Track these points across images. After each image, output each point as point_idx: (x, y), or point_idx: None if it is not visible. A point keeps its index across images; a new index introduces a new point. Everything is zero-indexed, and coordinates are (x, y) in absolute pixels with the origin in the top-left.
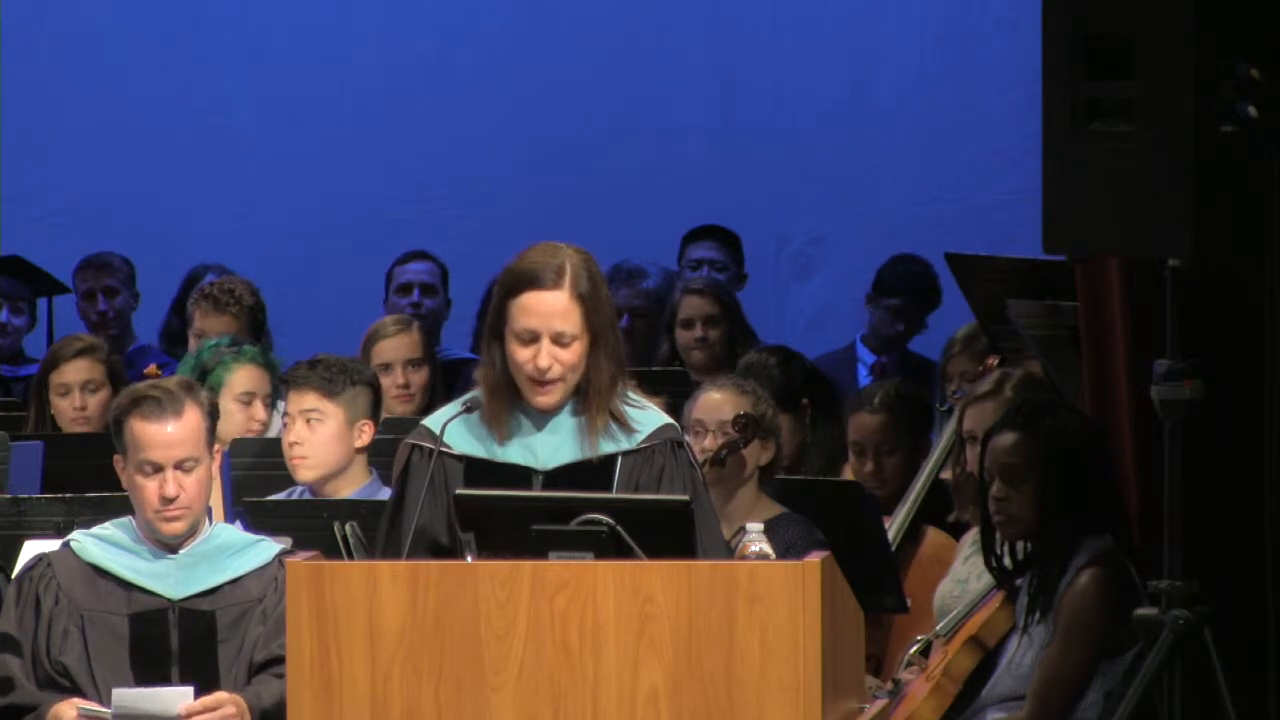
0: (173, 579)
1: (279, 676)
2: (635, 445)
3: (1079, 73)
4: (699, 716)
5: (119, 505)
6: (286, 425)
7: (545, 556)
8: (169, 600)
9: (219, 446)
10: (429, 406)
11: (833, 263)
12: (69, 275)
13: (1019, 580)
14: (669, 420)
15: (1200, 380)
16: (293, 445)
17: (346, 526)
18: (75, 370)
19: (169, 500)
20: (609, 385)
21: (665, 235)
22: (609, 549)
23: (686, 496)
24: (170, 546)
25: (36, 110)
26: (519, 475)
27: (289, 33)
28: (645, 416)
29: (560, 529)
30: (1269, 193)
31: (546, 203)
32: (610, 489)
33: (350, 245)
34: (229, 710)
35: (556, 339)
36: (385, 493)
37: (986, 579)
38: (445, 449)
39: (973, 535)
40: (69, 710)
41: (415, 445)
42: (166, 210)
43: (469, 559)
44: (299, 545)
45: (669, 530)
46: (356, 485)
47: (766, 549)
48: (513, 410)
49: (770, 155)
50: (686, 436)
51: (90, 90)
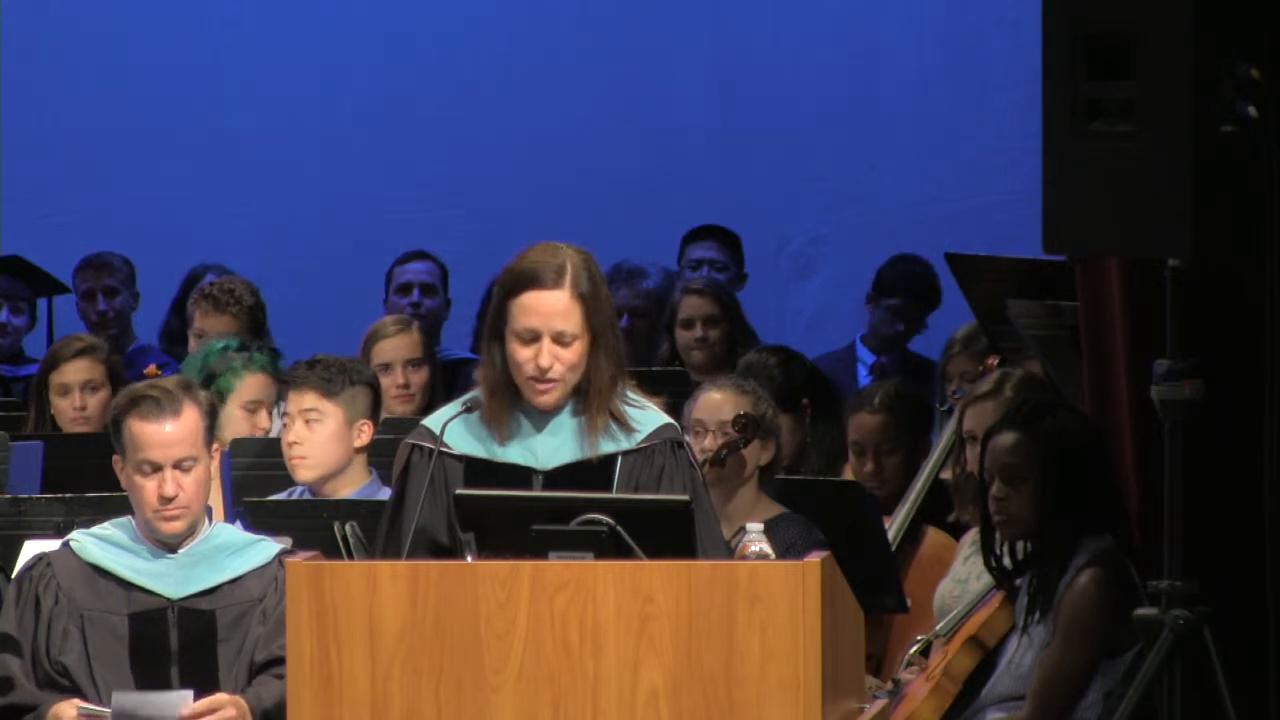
0: (172, 578)
1: (279, 677)
2: (635, 445)
3: (1079, 73)
4: (699, 716)
5: (119, 505)
6: (286, 425)
7: (545, 556)
8: (168, 600)
9: (218, 446)
10: (429, 406)
11: (833, 263)
12: (69, 275)
13: (1019, 580)
14: (669, 420)
15: (1200, 380)
16: (292, 445)
17: (346, 526)
18: (75, 370)
19: (168, 500)
20: (609, 385)
21: (665, 235)
22: (609, 549)
23: (686, 496)
24: (170, 546)
25: (36, 110)
26: (519, 475)
27: (289, 33)
28: (645, 416)
29: (560, 529)
30: (1269, 193)
31: (546, 203)
32: (610, 489)
33: (350, 245)
34: (229, 712)
35: (557, 338)
36: (385, 493)
37: (986, 579)
38: (445, 449)
39: (973, 535)
40: (69, 710)
41: (415, 445)
42: (166, 210)
43: (469, 559)
44: (299, 545)
45: (669, 530)
46: (356, 485)
47: (766, 549)
48: (513, 410)
49: (770, 155)
50: (686, 436)
51: (90, 90)
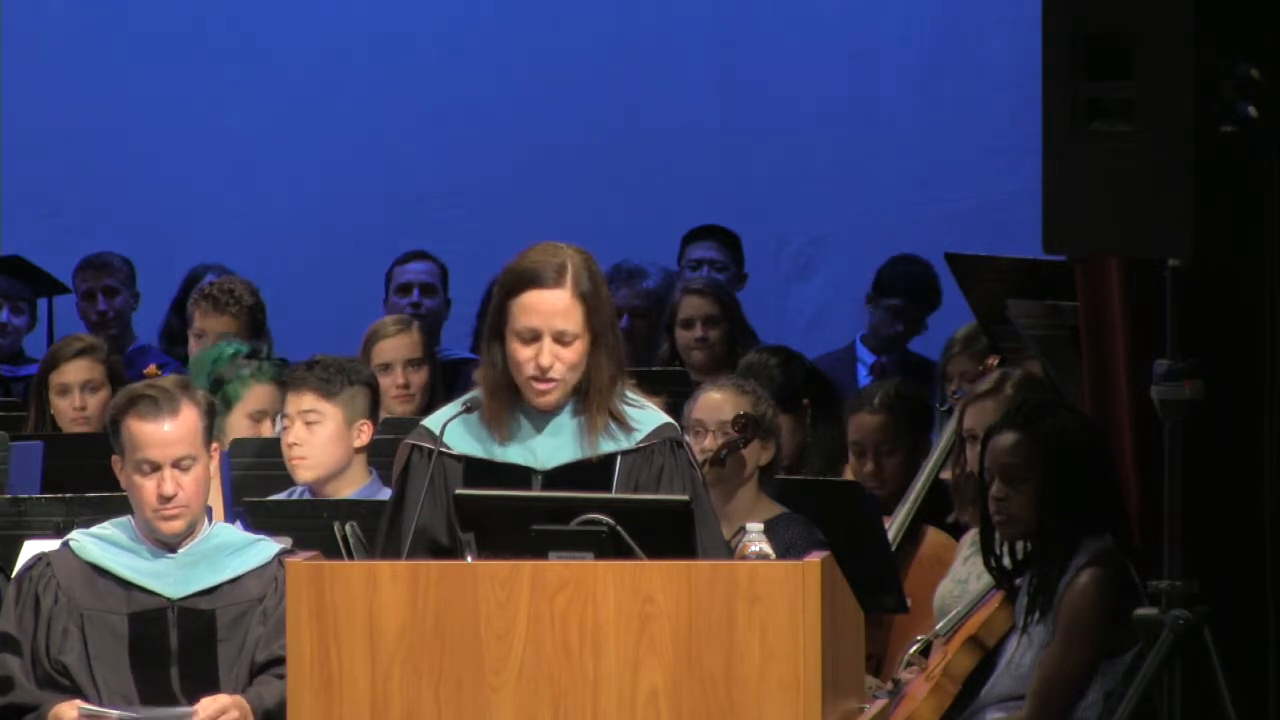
0: (172, 578)
1: (280, 677)
2: (635, 445)
3: (1079, 73)
4: (699, 716)
5: (119, 505)
6: (285, 426)
7: (545, 556)
8: (168, 599)
9: (216, 445)
10: (429, 406)
11: (833, 263)
12: (69, 275)
13: (1019, 580)
14: (668, 419)
15: (1200, 380)
16: (292, 446)
17: (346, 526)
18: (75, 370)
19: (167, 499)
20: (609, 385)
21: (665, 235)
22: (609, 549)
23: (686, 496)
24: (169, 546)
25: (36, 110)
26: (519, 475)
27: (289, 33)
28: (644, 416)
29: (560, 529)
30: (1269, 193)
31: (546, 203)
32: (610, 488)
33: (350, 245)
34: (234, 714)
35: (558, 338)
36: (385, 493)
37: (986, 579)
38: (445, 449)
39: (972, 535)
40: (70, 711)
41: (415, 445)
42: (166, 210)
43: (469, 559)
44: (299, 545)
45: (669, 530)
46: (356, 485)
47: (766, 549)
48: (513, 410)
49: (770, 155)
50: (686, 436)
51: (90, 90)
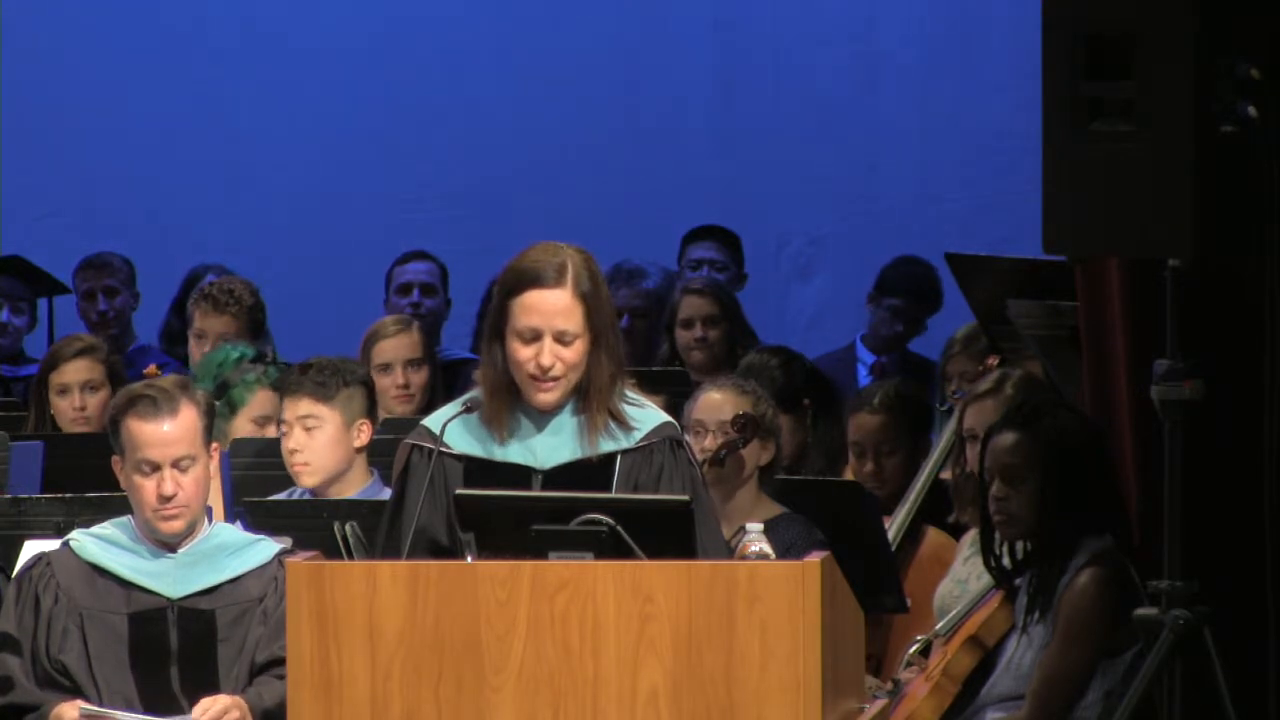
0: (172, 578)
1: (280, 678)
2: (634, 444)
3: (1079, 73)
4: (699, 716)
5: (119, 505)
6: (285, 432)
7: (545, 556)
8: (168, 599)
9: (216, 445)
10: (429, 406)
11: (833, 263)
12: (69, 275)
13: (1018, 580)
14: (668, 418)
15: (1200, 380)
16: (293, 453)
17: (346, 526)
18: (75, 370)
19: (167, 499)
20: (609, 384)
21: (665, 235)
22: (609, 549)
23: (686, 496)
24: (169, 546)
25: (36, 110)
26: (519, 475)
27: (289, 33)
28: (644, 415)
29: (560, 529)
30: (1269, 193)
31: (546, 202)
32: (610, 488)
33: (350, 245)
34: (234, 715)
35: (559, 337)
36: (387, 493)
37: (986, 579)
38: (445, 449)
39: (972, 535)
40: (71, 711)
41: (415, 445)
42: (166, 210)
43: (469, 559)
44: (299, 545)
45: (669, 530)
46: (359, 486)
47: (766, 549)
48: (513, 410)
49: (770, 155)
50: (686, 436)
51: (90, 90)
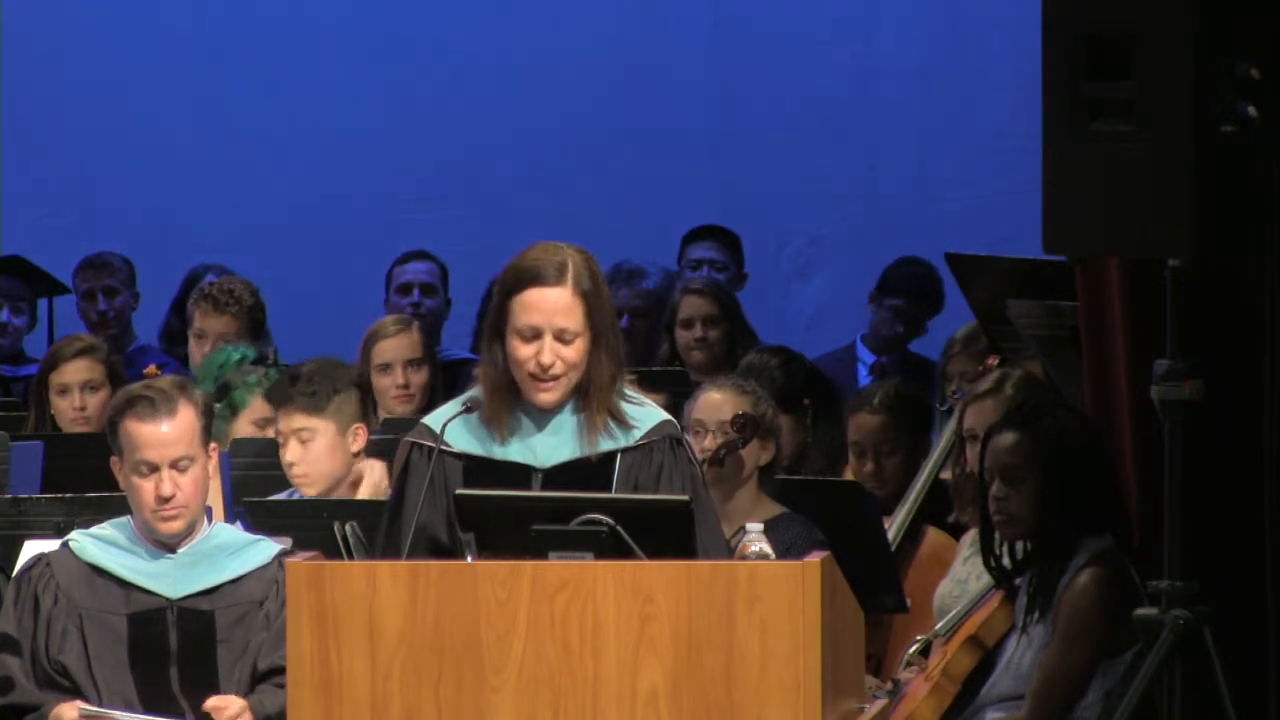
0: (171, 578)
1: (281, 686)
2: (634, 442)
3: (1079, 73)
4: (699, 716)
5: (119, 505)
6: (281, 444)
7: (545, 556)
8: (168, 600)
9: (215, 445)
10: (429, 406)
11: (833, 263)
12: (69, 275)
13: (1018, 580)
14: (667, 417)
15: (1200, 380)
16: (291, 465)
17: (346, 526)
18: (75, 370)
19: (165, 499)
20: (609, 383)
21: (665, 235)
22: (609, 549)
23: (686, 496)
24: (169, 546)
25: (36, 110)
26: (518, 474)
27: (289, 33)
28: (644, 413)
29: (560, 529)
30: (1269, 193)
31: (546, 202)
32: (609, 487)
33: (350, 245)
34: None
35: (559, 335)
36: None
37: (986, 579)
38: (445, 447)
39: (972, 535)
40: (71, 711)
41: (415, 444)
42: (166, 210)
43: (469, 559)
44: (299, 545)
45: (669, 530)
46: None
47: (766, 549)
48: (513, 409)
49: (770, 155)
50: (686, 436)
51: (90, 89)
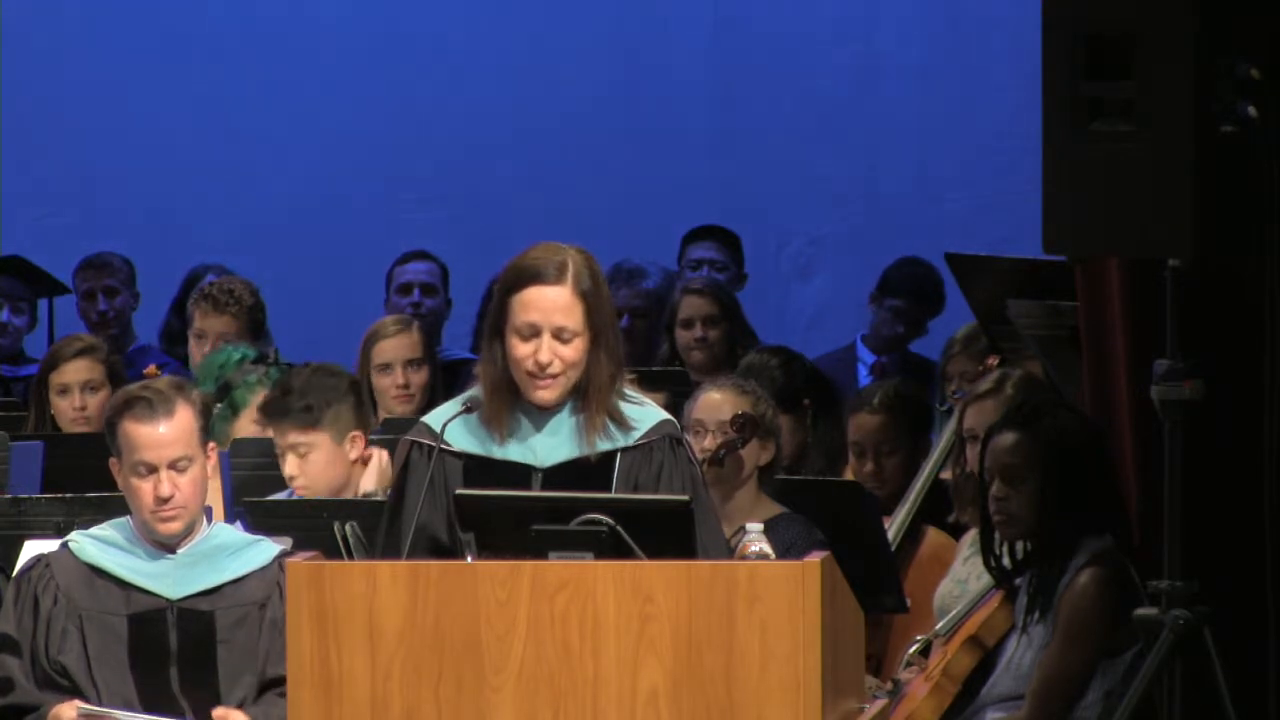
0: (171, 579)
1: (283, 695)
2: (634, 442)
3: (1079, 73)
4: (699, 716)
5: (119, 505)
6: (279, 456)
7: (545, 556)
8: (168, 600)
9: (213, 445)
10: (429, 406)
11: (833, 263)
12: (69, 275)
13: (1018, 580)
14: (667, 416)
15: (1200, 380)
16: (292, 478)
17: (346, 526)
18: (75, 370)
19: (164, 500)
20: (608, 384)
21: (665, 235)
22: (609, 549)
23: (686, 496)
24: (168, 546)
25: (36, 110)
26: (518, 473)
27: (290, 33)
28: (643, 413)
29: (560, 529)
30: (1269, 193)
31: (546, 202)
32: (609, 486)
33: (350, 245)
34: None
35: (557, 334)
36: None
37: (986, 579)
38: (445, 446)
39: (972, 535)
40: (69, 711)
41: (415, 443)
42: (166, 210)
43: (469, 559)
44: (299, 545)
45: (669, 530)
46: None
47: (766, 549)
48: (512, 409)
49: (770, 155)
50: (686, 436)
51: (90, 90)
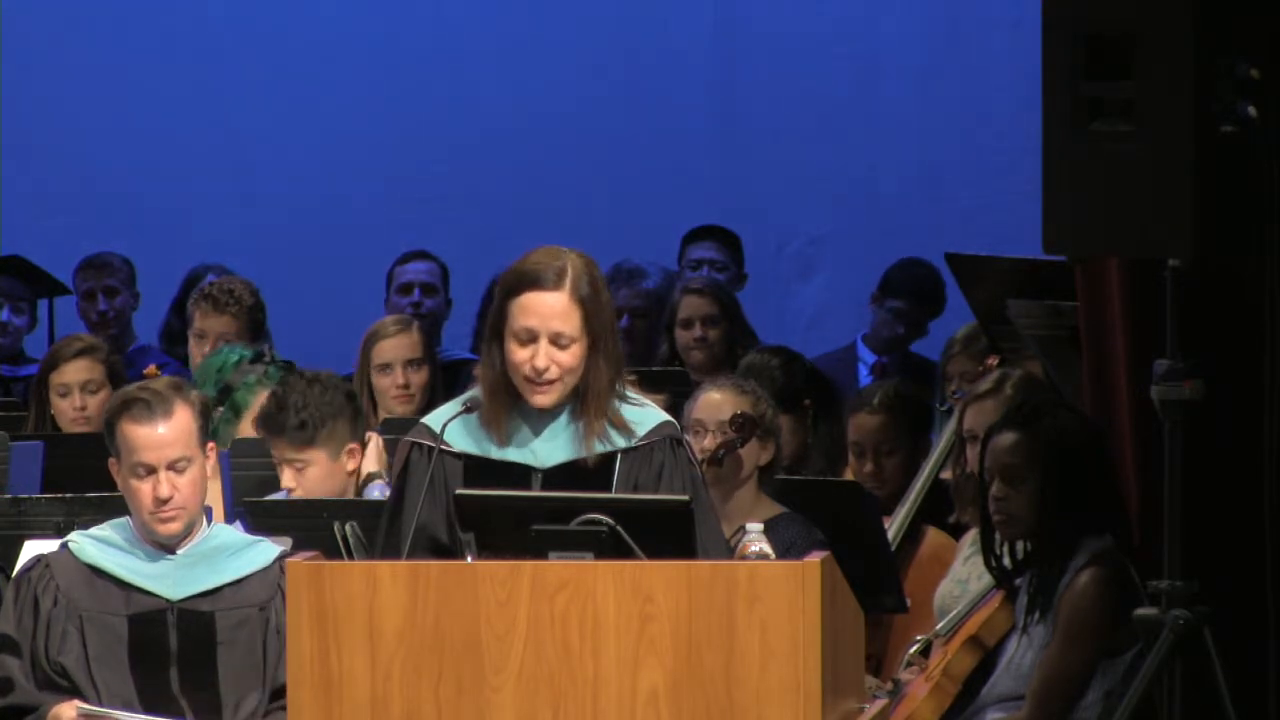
0: (171, 579)
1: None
2: (634, 444)
3: (1079, 73)
4: (699, 716)
5: (119, 505)
6: (277, 466)
7: (545, 556)
8: (168, 601)
9: (213, 445)
10: (429, 406)
11: (833, 263)
12: (69, 275)
13: (1019, 580)
14: (668, 418)
15: (1200, 380)
16: (290, 490)
17: (346, 526)
18: (75, 370)
19: (163, 501)
20: (607, 389)
21: (665, 235)
22: (609, 549)
23: (686, 496)
24: (168, 547)
25: (36, 110)
26: (518, 474)
27: (290, 33)
28: (644, 415)
29: (560, 529)
30: (1269, 193)
31: (547, 202)
32: (609, 488)
33: (350, 245)
34: None
35: (554, 339)
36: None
37: (986, 579)
38: (445, 447)
39: (973, 535)
40: (69, 711)
41: (415, 443)
42: (166, 210)
43: (469, 559)
44: (299, 545)
45: (669, 530)
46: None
47: (766, 549)
48: (511, 411)
49: (770, 155)
50: (686, 436)
51: (90, 90)
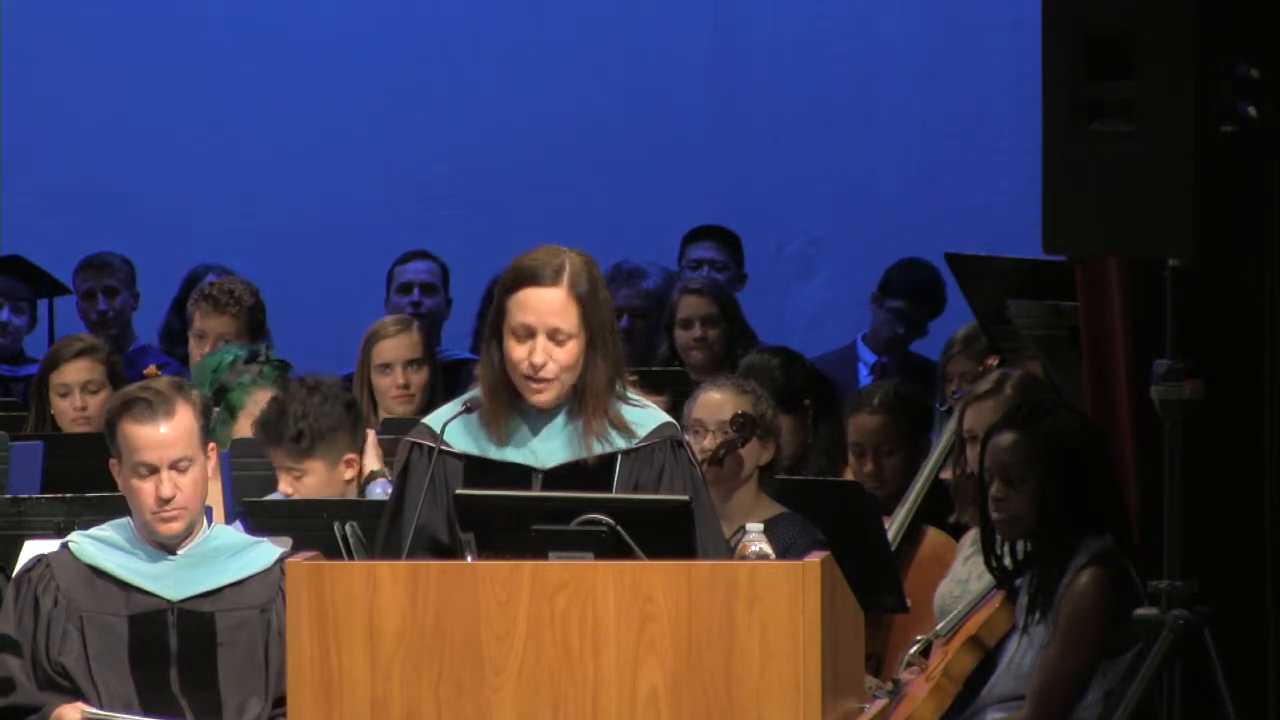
0: (171, 580)
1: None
2: (634, 445)
3: (1079, 73)
4: (699, 716)
5: (119, 505)
6: (276, 471)
7: (545, 556)
8: (168, 601)
9: (213, 445)
10: (429, 406)
11: (833, 263)
12: (69, 275)
13: (1019, 580)
14: (668, 419)
15: (1200, 380)
16: (288, 496)
17: (346, 526)
18: (75, 370)
19: (165, 501)
20: (606, 388)
21: (665, 235)
22: (609, 549)
23: (686, 496)
24: (168, 547)
25: (36, 110)
26: (519, 474)
27: (290, 32)
28: (644, 415)
29: (560, 529)
30: (1269, 193)
31: (546, 202)
32: (610, 488)
33: (350, 245)
34: None
35: (552, 335)
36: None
37: (986, 579)
38: (445, 447)
39: (973, 535)
40: (73, 713)
41: (415, 444)
42: (166, 210)
43: (469, 559)
44: (299, 545)
45: (669, 530)
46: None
47: (766, 549)
48: (511, 411)
49: (770, 155)
50: (686, 436)
51: (90, 90)
